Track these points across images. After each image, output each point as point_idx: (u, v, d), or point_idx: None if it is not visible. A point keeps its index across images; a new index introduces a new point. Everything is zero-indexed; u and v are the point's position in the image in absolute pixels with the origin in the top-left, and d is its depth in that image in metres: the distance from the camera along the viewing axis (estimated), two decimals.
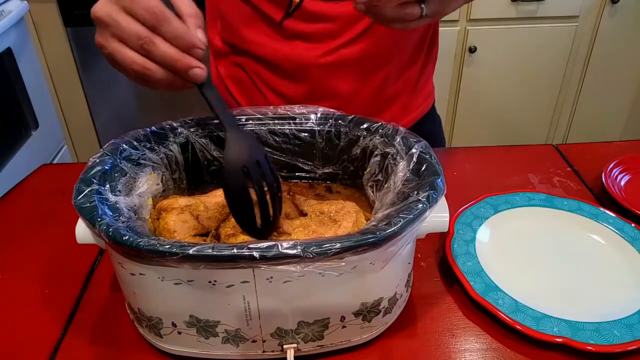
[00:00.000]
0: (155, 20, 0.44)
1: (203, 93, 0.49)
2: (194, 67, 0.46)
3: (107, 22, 0.45)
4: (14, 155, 1.49)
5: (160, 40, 0.45)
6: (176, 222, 0.53)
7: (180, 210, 0.54)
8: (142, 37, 0.44)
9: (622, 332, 0.51)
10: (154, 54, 0.45)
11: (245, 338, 0.48)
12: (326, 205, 0.56)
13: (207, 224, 0.55)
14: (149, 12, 0.44)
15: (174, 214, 0.53)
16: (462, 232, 0.64)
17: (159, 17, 0.44)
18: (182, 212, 0.53)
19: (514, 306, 0.54)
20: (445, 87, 1.94)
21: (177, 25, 0.44)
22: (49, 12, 1.72)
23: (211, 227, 0.55)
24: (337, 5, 0.70)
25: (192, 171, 0.62)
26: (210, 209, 0.55)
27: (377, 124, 0.60)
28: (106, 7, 0.45)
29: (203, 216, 0.55)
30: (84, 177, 0.50)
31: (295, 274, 0.44)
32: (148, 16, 0.44)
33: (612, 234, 0.64)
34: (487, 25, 1.83)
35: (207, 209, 0.55)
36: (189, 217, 0.54)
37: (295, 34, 0.73)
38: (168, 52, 0.45)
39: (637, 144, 0.87)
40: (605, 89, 2.02)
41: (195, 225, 0.54)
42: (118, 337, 0.54)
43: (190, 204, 0.55)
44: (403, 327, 0.54)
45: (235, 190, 0.49)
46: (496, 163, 0.82)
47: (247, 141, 0.50)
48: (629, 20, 1.87)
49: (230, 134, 0.50)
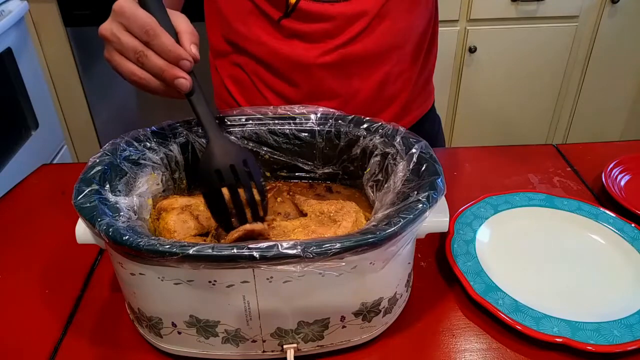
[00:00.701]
0: (147, 37, 0.50)
1: (189, 100, 0.53)
2: (179, 78, 0.51)
3: (110, 38, 0.52)
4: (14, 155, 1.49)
5: (152, 54, 0.51)
6: (176, 222, 0.53)
7: (180, 210, 0.54)
8: (137, 51, 0.51)
9: (622, 332, 0.51)
10: (147, 66, 0.51)
11: (245, 338, 0.48)
12: (326, 205, 0.56)
13: (207, 223, 0.55)
14: (143, 29, 0.50)
15: (173, 214, 0.53)
16: (462, 232, 0.64)
17: (151, 34, 0.50)
18: (182, 212, 0.53)
19: (514, 306, 0.54)
20: (445, 87, 1.94)
21: (166, 41, 0.50)
22: (49, 12, 1.72)
23: (211, 227, 0.55)
24: (333, 6, 0.70)
25: (192, 171, 0.62)
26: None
27: (377, 124, 0.60)
28: (109, 25, 0.52)
29: (203, 216, 0.55)
30: (84, 177, 0.50)
31: (295, 274, 0.44)
32: (142, 33, 0.50)
33: (612, 234, 0.64)
34: (487, 25, 1.83)
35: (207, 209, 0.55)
36: (189, 217, 0.54)
37: (294, 33, 0.73)
38: (157, 63, 0.51)
39: (637, 144, 0.87)
40: (605, 89, 2.02)
41: (196, 225, 0.54)
42: (118, 337, 0.54)
43: (190, 204, 0.55)
44: (403, 327, 0.54)
45: (208, 191, 0.52)
46: (496, 163, 0.82)
47: (226, 147, 0.53)
48: (629, 20, 1.87)
49: (211, 140, 0.52)
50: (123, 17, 0.51)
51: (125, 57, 0.52)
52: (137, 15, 0.50)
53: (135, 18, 0.50)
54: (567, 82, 1.99)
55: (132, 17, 0.50)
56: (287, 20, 0.72)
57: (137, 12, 0.50)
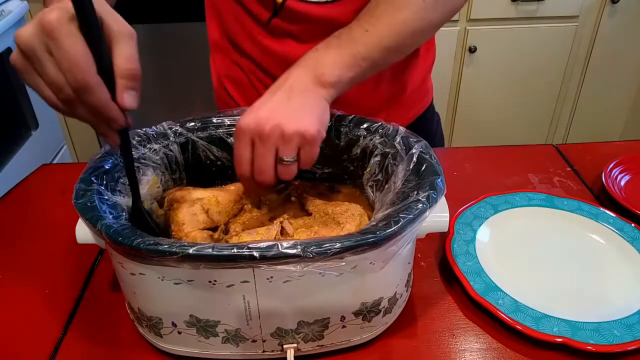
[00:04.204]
0: (76, 88, 0.41)
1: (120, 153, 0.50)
2: (107, 137, 0.46)
3: (31, 58, 0.42)
4: (14, 155, 1.49)
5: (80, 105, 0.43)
6: (185, 215, 0.54)
7: (192, 203, 0.54)
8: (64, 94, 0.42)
9: (622, 332, 0.51)
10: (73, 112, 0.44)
11: (245, 338, 0.48)
12: (331, 206, 0.56)
13: (217, 218, 0.55)
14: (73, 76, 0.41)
15: (185, 206, 0.54)
16: (462, 232, 0.64)
17: (82, 87, 0.41)
18: (192, 205, 0.54)
19: (514, 306, 0.54)
20: (445, 87, 1.94)
21: (98, 98, 0.42)
22: None
23: (221, 222, 0.55)
24: (320, 7, 0.69)
25: (192, 171, 0.62)
26: (221, 203, 0.56)
27: (377, 124, 0.60)
28: (32, 40, 0.41)
29: (213, 210, 0.55)
30: (84, 177, 0.50)
31: (295, 274, 0.44)
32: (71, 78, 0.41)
33: (612, 234, 0.64)
34: (487, 25, 1.83)
35: (219, 203, 0.55)
36: (199, 211, 0.54)
37: (286, 33, 0.73)
38: (86, 117, 0.44)
39: (637, 144, 0.87)
40: (605, 89, 2.02)
41: (205, 220, 0.54)
42: (118, 337, 0.54)
43: (203, 197, 0.55)
44: (403, 327, 0.54)
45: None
46: (496, 163, 0.82)
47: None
48: (629, 20, 1.87)
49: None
50: (52, 41, 0.40)
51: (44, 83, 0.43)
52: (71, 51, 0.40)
53: (69, 55, 0.40)
54: (567, 82, 1.99)
55: (62, 51, 0.40)
56: (276, 20, 0.72)
57: (71, 45, 0.40)
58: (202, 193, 0.56)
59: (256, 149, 0.52)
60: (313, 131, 0.52)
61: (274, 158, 0.52)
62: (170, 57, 1.77)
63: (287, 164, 0.52)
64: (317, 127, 0.52)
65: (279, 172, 0.53)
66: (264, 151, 0.52)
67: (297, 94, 0.54)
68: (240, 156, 0.53)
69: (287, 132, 0.51)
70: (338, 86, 0.57)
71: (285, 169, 0.53)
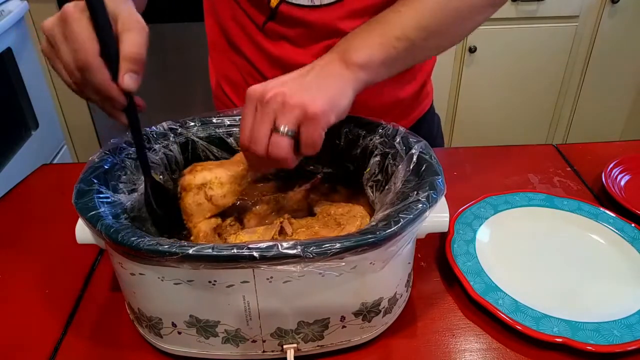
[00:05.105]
0: (79, 67, 0.47)
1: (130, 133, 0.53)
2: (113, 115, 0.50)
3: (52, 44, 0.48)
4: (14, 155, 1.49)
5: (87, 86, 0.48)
6: (191, 206, 0.54)
7: (196, 191, 0.54)
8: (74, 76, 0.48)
9: (622, 332, 0.51)
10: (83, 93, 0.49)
11: (245, 338, 0.48)
12: (334, 207, 0.56)
13: (222, 202, 0.54)
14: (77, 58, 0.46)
15: (190, 196, 0.54)
16: (462, 232, 0.64)
17: (84, 67, 0.46)
18: (197, 193, 0.54)
19: (514, 306, 0.54)
20: (445, 87, 1.94)
21: (98, 78, 0.46)
22: (49, 12, 1.72)
23: (228, 204, 0.55)
24: (314, 12, 0.69)
25: None
26: (225, 184, 0.54)
27: (377, 124, 0.60)
28: (52, 28, 0.48)
29: (217, 195, 0.54)
30: (84, 177, 0.50)
31: (295, 274, 0.44)
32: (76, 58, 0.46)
33: (612, 234, 0.64)
34: (487, 25, 1.82)
35: (222, 185, 0.54)
36: (203, 199, 0.54)
37: (281, 36, 0.72)
38: (93, 97, 0.49)
39: (637, 144, 0.87)
40: (605, 89, 2.02)
41: (210, 208, 0.54)
42: (118, 337, 0.54)
43: (206, 181, 0.54)
44: (403, 327, 0.54)
45: None
46: (496, 163, 0.82)
47: None
48: (629, 20, 1.87)
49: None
50: (66, 28, 0.46)
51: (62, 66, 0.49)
52: (77, 34, 0.46)
53: (75, 37, 0.46)
54: (567, 82, 1.99)
55: (71, 34, 0.46)
56: (271, 24, 0.71)
57: (79, 30, 0.46)
58: (206, 175, 0.54)
59: (256, 115, 0.50)
60: (316, 108, 0.48)
61: (270, 127, 0.49)
62: (170, 57, 1.77)
63: (280, 136, 0.48)
64: (324, 107, 0.49)
65: (270, 144, 0.49)
66: (261, 116, 0.49)
67: (315, 73, 0.52)
68: (243, 122, 0.51)
69: (289, 102, 0.48)
70: (368, 69, 0.54)
71: (277, 140, 0.49)
